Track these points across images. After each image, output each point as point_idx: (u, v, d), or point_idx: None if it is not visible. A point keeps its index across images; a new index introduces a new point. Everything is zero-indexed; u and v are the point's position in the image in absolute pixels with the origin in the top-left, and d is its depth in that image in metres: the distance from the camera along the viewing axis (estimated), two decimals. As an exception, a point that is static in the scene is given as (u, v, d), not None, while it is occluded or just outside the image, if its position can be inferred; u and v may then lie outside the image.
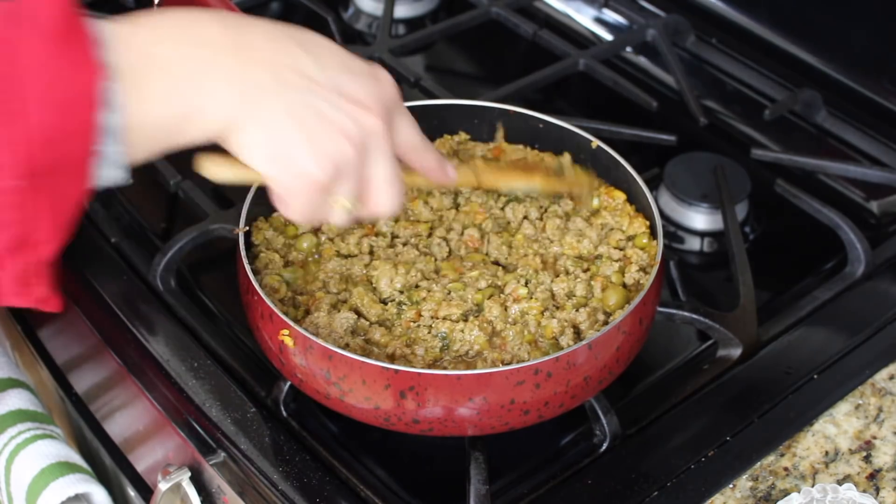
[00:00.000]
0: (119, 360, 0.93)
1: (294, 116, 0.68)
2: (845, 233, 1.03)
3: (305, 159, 0.69)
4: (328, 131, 0.69)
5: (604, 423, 0.85)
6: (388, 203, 0.74)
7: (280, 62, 0.69)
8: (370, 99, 0.71)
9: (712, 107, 1.25)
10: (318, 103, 0.69)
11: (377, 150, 0.72)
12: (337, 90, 0.70)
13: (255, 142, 0.68)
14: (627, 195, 0.94)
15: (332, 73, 0.71)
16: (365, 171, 0.72)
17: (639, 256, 0.88)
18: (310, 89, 0.69)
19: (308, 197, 0.71)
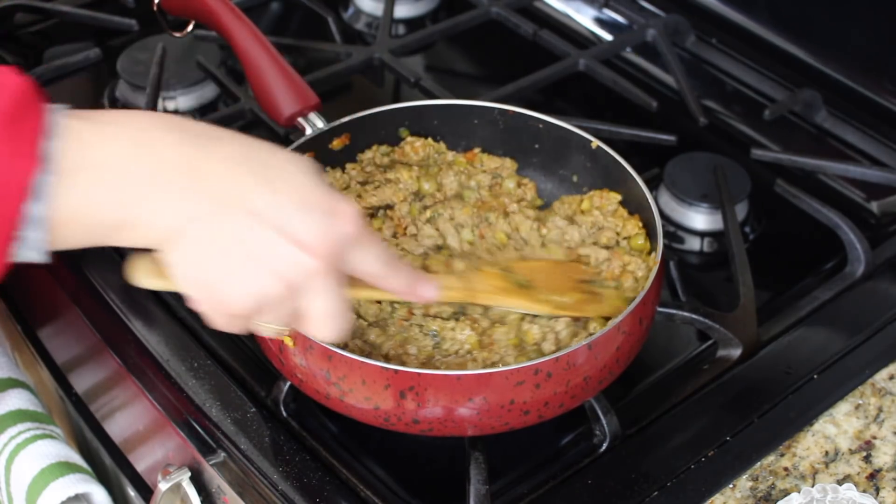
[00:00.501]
0: (119, 360, 0.93)
1: (222, 249, 0.67)
2: (845, 233, 1.03)
3: (225, 292, 0.67)
4: (254, 269, 0.67)
5: (604, 423, 0.85)
6: (326, 333, 0.72)
7: (229, 192, 0.67)
8: (316, 239, 0.68)
9: (712, 107, 1.25)
10: (253, 239, 0.67)
11: (314, 288, 0.69)
12: (279, 229, 0.67)
13: (181, 263, 0.67)
14: (627, 195, 0.94)
15: (282, 210, 0.68)
16: (299, 305, 0.70)
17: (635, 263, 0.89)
18: (249, 225, 0.67)
19: (227, 321, 0.70)
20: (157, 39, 1.26)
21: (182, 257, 0.67)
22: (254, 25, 1.02)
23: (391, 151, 1.00)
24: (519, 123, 1.00)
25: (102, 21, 1.35)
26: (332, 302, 0.70)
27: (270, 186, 0.68)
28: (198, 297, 0.69)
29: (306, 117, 0.98)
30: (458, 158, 1.01)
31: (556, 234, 0.93)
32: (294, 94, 0.98)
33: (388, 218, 0.95)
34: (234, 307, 0.68)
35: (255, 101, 1.14)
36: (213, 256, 0.67)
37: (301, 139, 0.96)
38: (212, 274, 0.67)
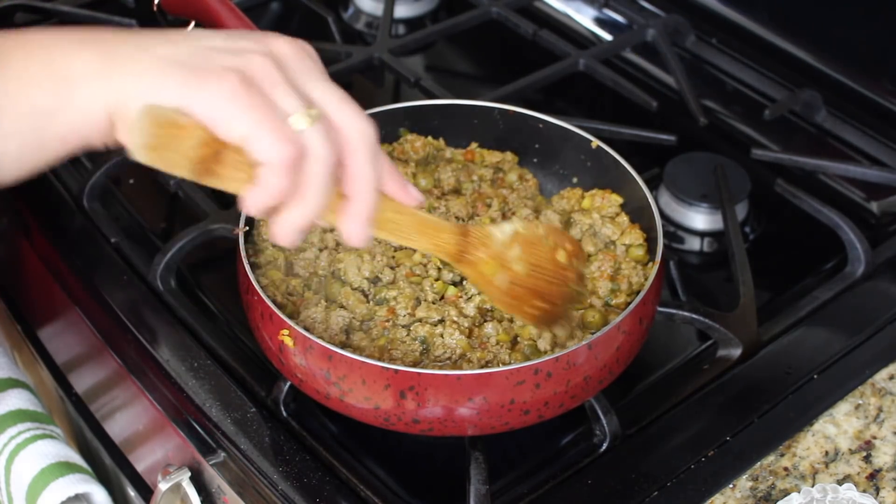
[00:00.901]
0: (119, 360, 0.93)
1: (184, 52, 0.62)
2: (845, 233, 1.03)
3: (208, 70, 0.61)
4: (225, 51, 0.63)
5: (604, 423, 0.85)
6: (362, 123, 0.65)
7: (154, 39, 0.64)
8: (275, 38, 0.65)
9: (712, 107, 1.25)
10: (210, 42, 0.63)
11: (301, 63, 0.64)
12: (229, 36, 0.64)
13: (153, 83, 0.61)
14: (627, 195, 0.94)
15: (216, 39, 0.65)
16: (297, 83, 0.63)
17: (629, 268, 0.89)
18: (200, 41, 0.64)
19: (240, 105, 0.61)
20: (157, 39, 1.26)
21: (150, 80, 0.61)
22: (254, 26, 1.02)
23: (392, 150, 1.00)
24: (519, 123, 1.00)
25: (102, 21, 1.35)
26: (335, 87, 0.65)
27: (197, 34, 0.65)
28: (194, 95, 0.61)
29: (306, 117, 0.98)
30: (457, 156, 1.00)
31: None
32: (294, 94, 0.98)
33: None
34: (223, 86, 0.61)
35: (255, 101, 1.13)
36: (182, 59, 0.62)
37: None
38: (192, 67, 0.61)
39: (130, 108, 0.61)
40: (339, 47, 1.30)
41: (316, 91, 0.64)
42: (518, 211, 0.94)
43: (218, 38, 0.64)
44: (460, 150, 1.01)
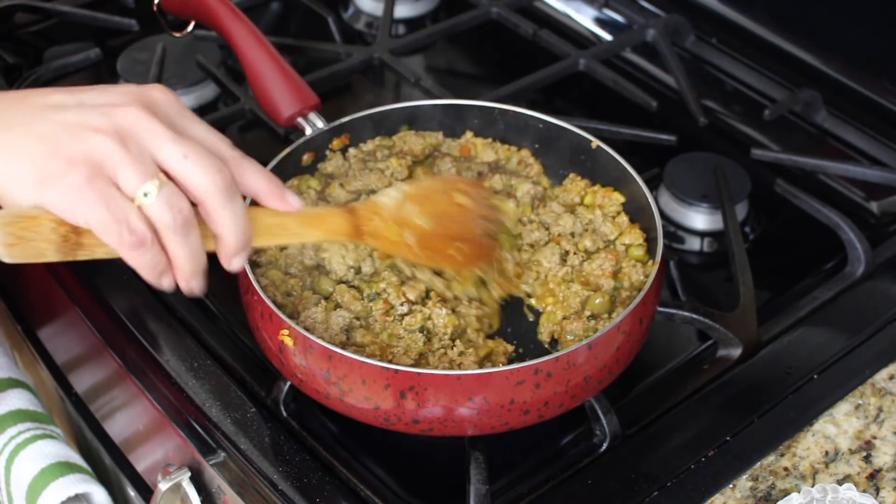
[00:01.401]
0: (119, 360, 0.93)
1: (35, 136, 0.65)
2: (845, 233, 1.03)
3: (54, 165, 0.64)
4: (72, 133, 0.65)
5: (604, 423, 0.85)
6: (205, 178, 0.67)
7: (23, 102, 0.67)
8: (123, 97, 0.67)
9: (712, 107, 1.25)
10: (61, 117, 0.66)
11: (149, 130, 0.66)
12: (82, 104, 0.67)
13: (6, 176, 0.65)
14: (628, 195, 0.94)
15: (81, 93, 0.68)
16: (147, 155, 0.66)
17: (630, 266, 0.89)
18: (53, 112, 0.66)
19: (94, 205, 0.65)
20: (157, 39, 1.26)
21: (4, 171, 0.65)
22: (254, 25, 1.02)
23: (392, 144, 1.00)
24: (519, 123, 1.00)
25: (102, 21, 1.35)
26: (183, 145, 0.67)
27: (66, 90, 0.68)
28: (43, 195, 0.65)
29: (306, 117, 0.98)
30: (454, 150, 1.00)
31: (549, 218, 0.93)
32: (294, 94, 0.98)
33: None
34: (70, 175, 0.64)
35: (255, 101, 1.14)
36: (29, 146, 0.64)
37: (301, 139, 0.96)
38: (37, 160, 0.64)
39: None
40: (339, 47, 1.30)
41: (164, 150, 0.67)
42: (519, 186, 0.95)
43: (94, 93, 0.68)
44: (458, 141, 1.01)
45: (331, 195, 0.95)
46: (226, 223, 0.69)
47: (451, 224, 0.82)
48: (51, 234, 0.65)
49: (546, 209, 0.94)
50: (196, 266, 0.69)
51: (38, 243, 0.65)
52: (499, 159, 1.00)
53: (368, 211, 0.80)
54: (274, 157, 0.92)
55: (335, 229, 0.78)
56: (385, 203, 0.81)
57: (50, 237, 0.65)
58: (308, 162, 0.97)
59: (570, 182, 0.97)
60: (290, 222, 0.75)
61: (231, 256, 0.71)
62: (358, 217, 0.79)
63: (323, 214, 0.78)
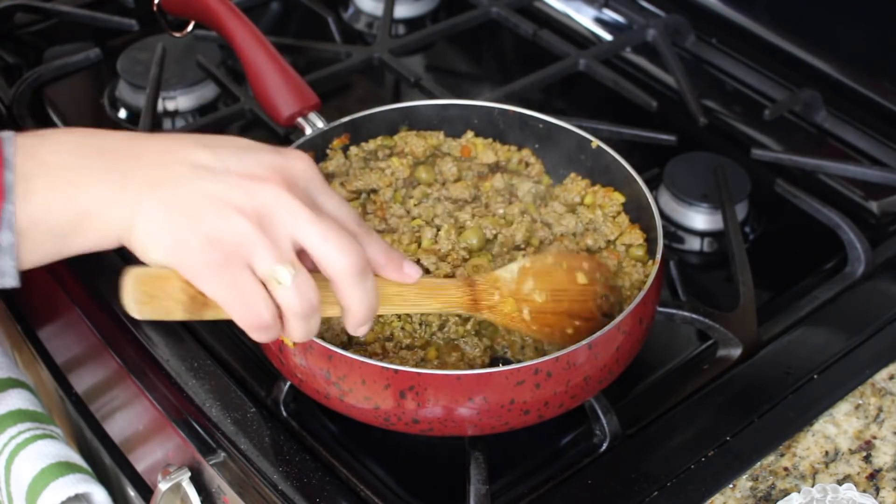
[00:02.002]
0: (119, 360, 0.93)
1: (180, 203, 0.67)
2: (845, 233, 1.03)
3: (193, 239, 0.66)
4: (214, 208, 0.67)
5: (604, 423, 0.85)
6: (341, 260, 0.69)
7: (171, 158, 0.69)
8: (267, 171, 0.69)
9: (712, 107, 1.25)
10: (206, 185, 0.68)
11: (287, 210, 0.68)
12: (227, 170, 0.68)
13: (147, 236, 0.67)
14: (628, 195, 0.94)
15: (227, 157, 0.69)
16: (285, 236, 0.68)
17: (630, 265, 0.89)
18: (199, 176, 0.68)
19: (219, 285, 0.67)
20: (157, 39, 1.26)
21: (145, 232, 0.67)
22: (254, 25, 1.02)
23: (394, 144, 1.00)
24: (519, 123, 1.00)
25: (102, 21, 1.35)
26: (323, 226, 0.68)
27: (212, 146, 0.69)
28: (173, 263, 0.67)
29: (306, 117, 0.98)
30: (454, 150, 1.00)
31: (551, 217, 0.93)
32: (294, 94, 0.98)
33: (370, 202, 0.94)
34: (206, 251, 0.66)
35: (255, 101, 1.14)
36: (171, 213, 0.67)
37: (301, 139, 0.96)
38: (176, 229, 0.66)
39: (133, 241, 0.68)
40: (339, 47, 1.30)
41: (302, 231, 0.68)
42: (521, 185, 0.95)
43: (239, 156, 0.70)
44: (459, 141, 1.01)
45: None
46: (356, 300, 0.71)
47: (569, 301, 0.83)
48: (180, 294, 0.67)
49: (548, 209, 0.94)
50: (311, 336, 0.72)
51: (168, 302, 0.67)
52: (499, 160, 1.00)
53: (488, 285, 0.81)
54: (274, 157, 0.92)
55: (454, 302, 0.79)
56: (505, 277, 0.82)
57: (179, 297, 0.67)
58: (308, 162, 0.97)
59: (570, 181, 0.97)
60: (410, 292, 0.76)
61: (357, 327, 0.73)
62: (477, 291, 0.80)
63: (444, 286, 0.79)
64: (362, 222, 0.73)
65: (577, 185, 0.96)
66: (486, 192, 0.95)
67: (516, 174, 0.98)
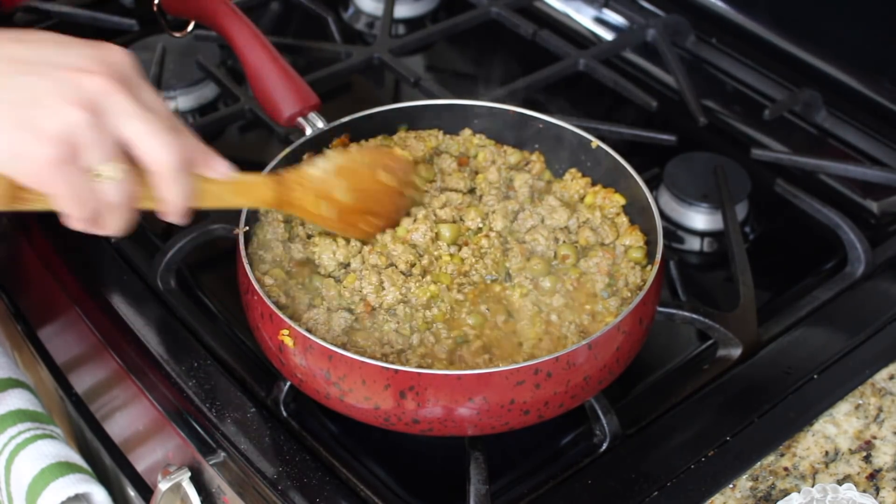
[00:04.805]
0: (119, 360, 0.93)
1: (8, 102, 0.64)
2: (845, 233, 1.03)
3: (29, 144, 0.64)
4: (45, 104, 0.65)
5: (604, 423, 0.85)
6: (164, 155, 0.69)
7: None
8: (90, 62, 0.67)
9: (712, 107, 1.25)
10: (26, 81, 0.65)
11: (113, 106, 0.67)
12: (48, 63, 0.66)
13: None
14: (628, 195, 0.94)
15: (45, 51, 0.67)
16: (114, 131, 0.67)
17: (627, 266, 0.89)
18: (16, 71, 0.65)
19: (60, 181, 0.66)
20: (157, 39, 1.26)
21: None
22: (254, 25, 1.02)
23: (393, 144, 1.00)
24: (519, 123, 1.00)
25: (102, 21, 1.35)
26: (147, 118, 0.68)
27: (25, 41, 0.67)
28: (14, 170, 0.65)
29: (306, 117, 0.98)
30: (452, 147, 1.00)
31: (544, 210, 0.93)
32: (294, 94, 0.98)
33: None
34: (47, 153, 0.64)
35: (255, 101, 1.14)
36: (4, 118, 0.64)
37: (301, 139, 0.96)
38: (4, 136, 0.64)
39: None
40: (339, 47, 1.30)
41: (130, 127, 0.68)
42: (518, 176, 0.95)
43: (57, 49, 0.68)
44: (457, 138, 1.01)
45: None
46: (173, 193, 0.72)
47: (369, 200, 0.88)
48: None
49: (543, 202, 0.94)
50: (125, 230, 0.72)
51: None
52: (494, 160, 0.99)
53: (293, 181, 0.84)
54: (274, 157, 0.92)
55: (261, 198, 0.82)
56: (312, 174, 0.85)
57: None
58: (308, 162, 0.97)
59: (570, 178, 0.97)
60: (223, 190, 0.78)
61: (171, 217, 0.74)
62: (284, 187, 0.83)
63: (251, 183, 0.81)
64: (176, 118, 0.73)
65: (577, 182, 0.96)
66: (480, 184, 0.95)
67: (515, 168, 0.98)
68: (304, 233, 0.91)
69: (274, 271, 0.87)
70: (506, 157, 0.99)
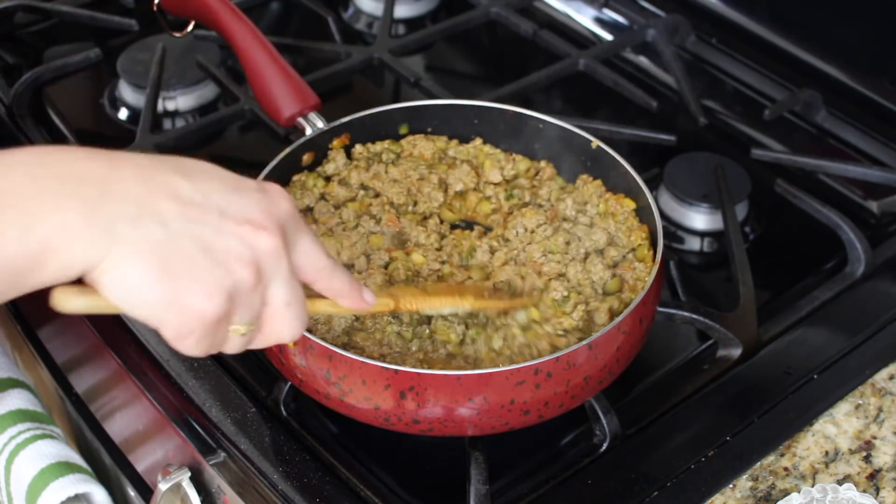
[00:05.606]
0: (119, 360, 0.93)
1: (174, 250, 0.60)
2: (845, 233, 1.03)
3: (195, 297, 0.60)
4: (216, 261, 0.61)
5: (604, 423, 0.85)
6: (288, 330, 0.66)
7: (151, 190, 0.60)
8: (261, 215, 0.63)
9: (712, 107, 1.25)
10: (200, 230, 0.61)
11: (274, 271, 0.64)
12: (219, 211, 0.62)
13: (131, 283, 0.60)
14: (628, 195, 0.93)
15: (213, 193, 0.62)
16: (263, 293, 0.64)
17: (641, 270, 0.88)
18: (188, 216, 0.61)
19: (204, 334, 0.62)
20: (157, 39, 1.26)
21: (127, 277, 0.60)
22: (254, 25, 1.02)
23: (400, 150, 1.00)
24: (519, 123, 1.00)
25: (102, 21, 1.35)
26: (291, 289, 0.65)
27: (190, 177, 0.62)
28: (164, 319, 0.61)
29: (306, 117, 0.98)
30: (461, 154, 1.00)
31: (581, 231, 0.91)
32: (294, 94, 0.98)
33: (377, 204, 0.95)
34: (208, 311, 0.61)
35: (255, 101, 1.14)
36: (165, 263, 0.60)
37: (301, 139, 0.96)
38: (172, 283, 0.60)
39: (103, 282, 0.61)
40: (339, 47, 1.30)
41: (275, 292, 0.65)
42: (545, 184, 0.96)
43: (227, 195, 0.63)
44: (464, 146, 1.01)
45: (329, 193, 0.95)
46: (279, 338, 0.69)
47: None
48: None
49: (576, 223, 0.93)
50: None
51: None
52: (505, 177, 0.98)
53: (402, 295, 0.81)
54: (274, 157, 0.92)
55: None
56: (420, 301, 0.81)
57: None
58: (308, 162, 0.97)
59: (582, 183, 0.96)
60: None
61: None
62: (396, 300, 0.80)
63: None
64: (329, 257, 0.70)
65: (588, 188, 0.95)
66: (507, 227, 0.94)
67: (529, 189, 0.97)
68: None
69: None
70: (515, 164, 0.99)
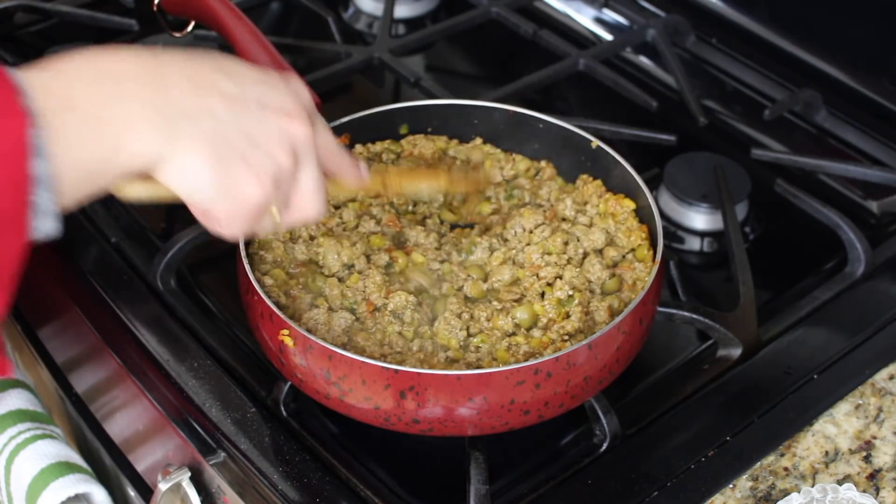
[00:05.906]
0: (119, 360, 0.93)
1: (226, 141, 0.67)
2: (845, 233, 1.03)
3: (247, 183, 0.68)
4: (262, 149, 0.68)
5: (604, 423, 0.85)
6: (315, 208, 0.73)
7: (200, 87, 0.67)
8: (293, 105, 0.71)
9: (712, 107, 1.25)
10: (245, 122, 0.68)
11: (307, 155, 0.71)
12: (259, 103, 0.69)
13: (190, 172, 0.66)
14: (628, 195, 0.93)
15: (249, 87, 0.70)
16: (296, 178, 0.72)
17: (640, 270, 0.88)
18: (234, 110, 0.68)
19: (251, 217, 0.70)
20: (157, 39, 1.26)
21: (186, 167, 0.66)
22: (254, 25, 1.02)
23: (400, 150, 1.00)
24: (519, 123, 1.00)
25: (102, 21, 1.35)
26: (318, 172, 0.73)
27: (228, 73, 0.69)
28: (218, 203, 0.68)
29: (306, 117, 0.98)
30: (461, 154, 1.00)
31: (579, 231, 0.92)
32: (294, 94, 0.98)
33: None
34: (258, 196, 0.68)
35: (255, 101, 1.13)
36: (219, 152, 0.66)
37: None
38: (226, 169, 0.67)
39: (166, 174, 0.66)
40: (339, 47, 1.30)
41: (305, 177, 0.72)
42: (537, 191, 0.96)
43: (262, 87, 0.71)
44: (464, 145, 1.01)
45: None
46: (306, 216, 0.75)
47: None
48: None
49: (575, 223, 0.93)
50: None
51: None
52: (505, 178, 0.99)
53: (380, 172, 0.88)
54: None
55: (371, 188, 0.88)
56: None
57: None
58: (308, 162, 0.97)
59: (581, 183, 0.96)
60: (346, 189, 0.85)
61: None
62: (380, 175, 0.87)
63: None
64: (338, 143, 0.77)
65: (588, 188, 0.95)
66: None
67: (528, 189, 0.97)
68: (306, 234, 0.91)
69: (274, 272, 0.87)
70: (515, 164, 0.99)
